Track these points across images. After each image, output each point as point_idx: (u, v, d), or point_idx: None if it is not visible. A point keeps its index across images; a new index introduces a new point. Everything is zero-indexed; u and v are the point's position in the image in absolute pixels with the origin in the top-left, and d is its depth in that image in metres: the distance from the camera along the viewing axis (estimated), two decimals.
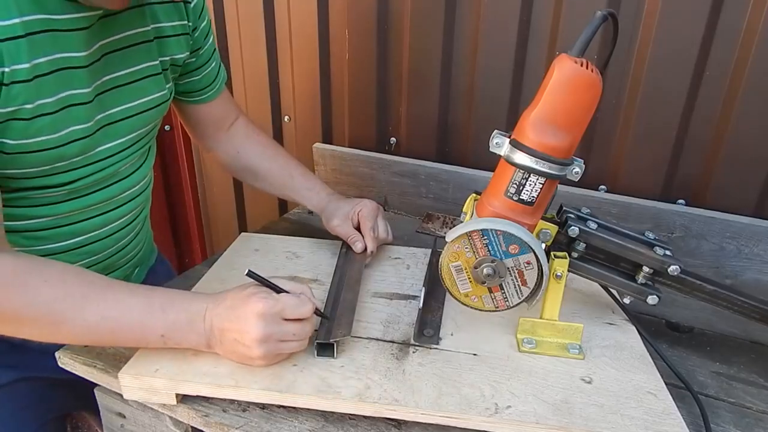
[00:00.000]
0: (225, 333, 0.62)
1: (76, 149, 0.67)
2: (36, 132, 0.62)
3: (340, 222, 0.90)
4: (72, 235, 0.74)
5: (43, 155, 0.64)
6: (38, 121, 0.62)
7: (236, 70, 1.42)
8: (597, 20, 0.61)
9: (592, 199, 1.05)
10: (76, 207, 0.73)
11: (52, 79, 0.62)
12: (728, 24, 0.90)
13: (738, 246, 0.97)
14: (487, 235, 0.64)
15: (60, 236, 0.73)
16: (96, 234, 0.77)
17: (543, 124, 0.62)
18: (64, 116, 0.64)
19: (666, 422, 0.59)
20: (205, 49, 0.87)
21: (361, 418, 0.62)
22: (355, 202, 0.92)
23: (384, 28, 1.19)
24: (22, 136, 0.61)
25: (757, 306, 0.73)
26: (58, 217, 0.72)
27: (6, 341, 0.74)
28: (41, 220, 0.71)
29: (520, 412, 0.59)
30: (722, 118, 0.96)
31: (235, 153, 0.99)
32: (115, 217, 0.78)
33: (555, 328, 0.70)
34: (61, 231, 0.73)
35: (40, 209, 0.70)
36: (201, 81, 0.90)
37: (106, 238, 0.79)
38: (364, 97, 1.27)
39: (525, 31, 1.05)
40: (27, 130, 0.61)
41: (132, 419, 0.70)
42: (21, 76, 0.58)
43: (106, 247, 0.80)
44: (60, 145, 0.65)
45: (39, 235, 0.72)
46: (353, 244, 0.88)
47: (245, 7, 1.33)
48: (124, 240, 0.83)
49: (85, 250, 0.77)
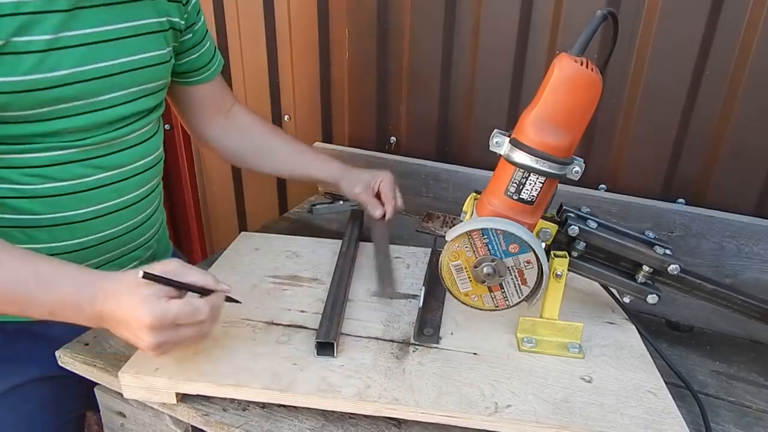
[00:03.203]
0: (116, 327, 0.60)
1: (74, 92, 0.68)
2: (27, 70, 0.62)
3: (362, 189, 0.94)
4: (87, 203, 0.75)
5: (37, 95, 0.64)
6: (27, 58, 0.62)
7: (236, 70, 1.42)
8: (597, 19, 0.61)
9: (592, 198, 1.05)
10: (90, 171, 0.74)
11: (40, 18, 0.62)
12: (728, 23, 0.90)
13: (738, 245, 0.97)
14: (487, 235, 0.64)
15: (76, 203, 0.74)
16: (111, 205, 0.77)
17: (543, 124, 0.62)
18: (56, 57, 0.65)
19: (666, 421, 0.59)
20: (198, 25, 0.89)
21: (361, 417, 0.62)
22: (376, 173, 0.96)
23: (384, 27, 1.19)
24: (11, 73, 0.62)
25: (757, 305, 0.73)
26: (74, 183, 0.73)
27: (28, 333, 0.75)
28: (58, 184, 0.71)
29: (520, 411, 0.59)
30: (722, 118, 0.96)
31: (238, 135, 1.00)
32: (128, 188, 0.79)
33: (555, 327, 0.70)
34: (77, 197, 0.73)
35: (54, 170, 0.70)
36: (199, 59, 0.91)
37: (122, 210, 0.79)
38: (364, 97, 1.27)
39: (525, 31, 1.06)
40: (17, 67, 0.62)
41: (132, 418, 0.70)
42: (7, 10, 0.59)
43: (121, 221, 0.80)
44: (54, 86, 0.65)
45: (57, 201, 0.72)
46: (374, 211, 0.93)
47: (245, 7, 1.34)
48: (138, 218, 0.83)
49: (102, 221, 0.77)
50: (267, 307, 0.77)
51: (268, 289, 0.82)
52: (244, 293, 0.80)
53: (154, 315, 0.56)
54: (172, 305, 0.57)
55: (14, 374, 0.78)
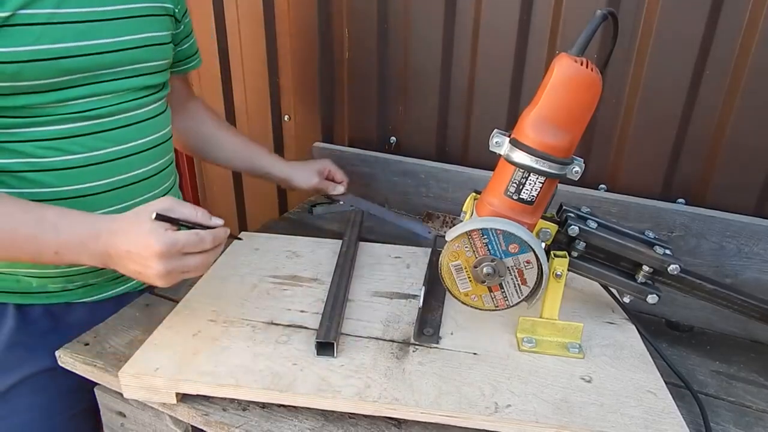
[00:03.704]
0: (124, 261, 0.64)
1: (78, 64, 0.71)
2: (33, 41, 0.66)
3: (319, 179, 1.13)
4: (98, 176, 0.77)
5: (45, 65, 0.67)
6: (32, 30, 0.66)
7: (236, 70, 1.42)
8: (597, 19, 0.61)
9: (592, 198, 1.05)
10: (101, 143, 0.76)
11: None
12: (728, 23, 0.90)
13: (738, 245, 0.97)
14: (487, 234, 0.64)
15: (88, 176, 0.76)
16: (122, 179, 0.80)
17: (543, 123, 0.62)
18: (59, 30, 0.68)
19: (666, 421, 0.59)
20: (187, 18, 0.96)
21: (361, 417, 0.62)
22: (318, 161, 1.16)
23: (384, 27, 1.19)
24: (19, 44, 0.65)
25: (757, 305, 0.73)
26: (85, 156, 0.75)
27: (49, 316, 0.80)
28: (71, 157, 0.74)
29: (520, 411, 0.59)
30: (722, 117, 0.96)
31: (196, 125, 1.06)
32: (137, 163, 0.81)
33: (555, 327, 0.70)
34: (89, 170, 0.76)
35: (67, 142, 0.73)
36: (189, 49, 0.98)
37: (133, 185, 0.81)
38: (364, 97, 1.27)
39: (525, 31, 1.06)
40: (24, 38, 0.65)
41: (132, 418, 0.70)
42: None
43: (133, 195, 0.82)
44: (59, 57, 0.68)
45: (70, 174, 0.74)
46: (335, 190, 1.15)
47: (245, 7, 1.34)
48: (149, 194, 0.84)
49: (113, 194, 0.79)
50: (267, 307, 0.77)
51: (268, 289, 0.82)
52: (244, 293, 0.80)
53: (164, 243, 0.61)
54: (179, 235, 0.62)
55: (32, 361, 0.79)
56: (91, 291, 0.84)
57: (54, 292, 0.81)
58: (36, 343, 0.80)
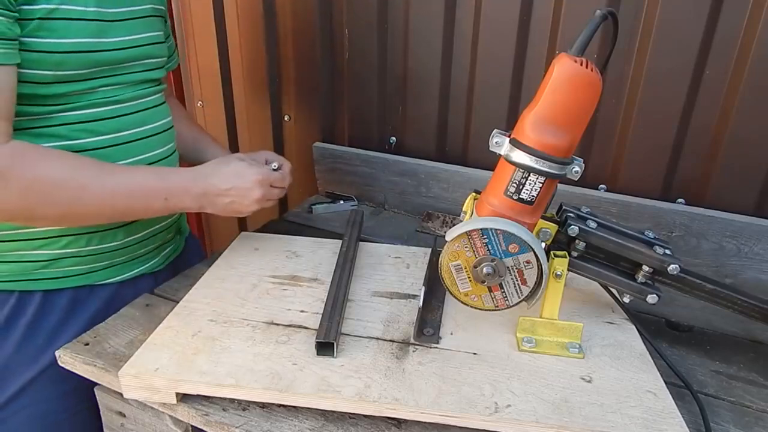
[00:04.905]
0: (221, 197, 0.80)
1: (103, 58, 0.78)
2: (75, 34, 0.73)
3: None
4: (123, 156, 0.82)
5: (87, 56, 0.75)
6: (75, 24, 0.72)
7: (236, 70, 1.42)
8: (597, 19, 0.61)
9: (592, 198, 1.05)
10: (124, 125, 0.83)
11: None
12: (728, 23, 0.90)
13: (738, 245, 0.97)
14: (487, 234, 0.64)
15: (114, 156, 0.81)
16: (143, 159, 0.85)
17: (543, 124, 0.62)
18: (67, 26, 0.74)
19: (666, 421, 0.59)
20: (167, 20, 1.01)
21: (361, 417, 0.62)
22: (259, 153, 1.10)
23: (384, 27, 1.19)
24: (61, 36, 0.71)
25: (757, 305, 0.73)
26: (112, 136, 0.81)
27: (72, 300, 0.83)
28: (100, 138, 0.80)
29: (520, 411, 0.59)
30: (722, 117, 0.96)
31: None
32: (155, 144, 0.88)
33: (555, 327, 0.70)
34: (115, 150, 0.81)
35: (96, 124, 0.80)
36: (169, 49, 1.02)
37: (152, 164, 0.87)
38: (364, 96, 1.27)
39: (525, 31, 1.06)
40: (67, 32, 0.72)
41: (132, 418, 0.70)
42: None
43: None
44: (91, 51, 0.76)
45: (99, 154, 0.80)
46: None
47: (245, 7, 1.34)
48: None
49: None
50: (267, 307, 0.77)
51: (268, 289, 0.82)
52: (244, 293, 0.80)
53: (262, 173, 0.81)
54: (268, 170, 0.84)
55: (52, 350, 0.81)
56: (115, 272, 0.88)
57: (81, 274, 0.84)
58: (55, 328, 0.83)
